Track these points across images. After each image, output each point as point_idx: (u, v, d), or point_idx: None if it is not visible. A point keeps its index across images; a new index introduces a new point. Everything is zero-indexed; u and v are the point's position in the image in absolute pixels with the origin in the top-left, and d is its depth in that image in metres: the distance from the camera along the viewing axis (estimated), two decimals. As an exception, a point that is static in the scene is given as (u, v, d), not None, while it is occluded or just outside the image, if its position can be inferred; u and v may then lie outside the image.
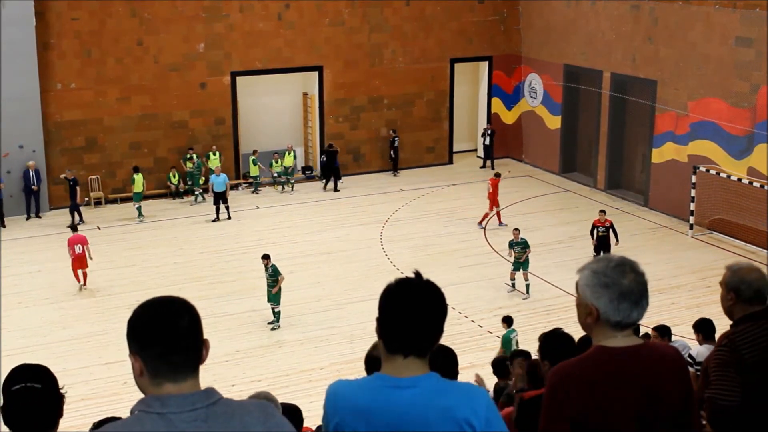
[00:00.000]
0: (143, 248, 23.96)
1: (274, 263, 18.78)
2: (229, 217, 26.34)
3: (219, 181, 26.13)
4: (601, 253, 21.05)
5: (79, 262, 21.10)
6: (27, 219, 26.32)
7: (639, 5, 26.69)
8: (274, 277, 18.68)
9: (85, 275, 21.22)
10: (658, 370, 3.55)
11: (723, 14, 23.88)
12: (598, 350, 3.56)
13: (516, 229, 21.13)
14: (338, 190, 29.32)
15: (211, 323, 17.78)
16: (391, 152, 30.86)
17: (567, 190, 28.95)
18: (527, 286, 20.55)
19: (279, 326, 18.81)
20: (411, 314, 3.15)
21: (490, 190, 25.36)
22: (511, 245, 20.76)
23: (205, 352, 2.90)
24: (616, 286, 3.47)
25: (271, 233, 25.06)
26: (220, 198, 26.14)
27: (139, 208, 26.56)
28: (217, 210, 26.25)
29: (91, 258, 21.22)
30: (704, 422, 4.80)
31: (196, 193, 28.06)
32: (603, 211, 22.25)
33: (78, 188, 26.02)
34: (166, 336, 2.81)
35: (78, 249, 21.07)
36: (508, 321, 16.10)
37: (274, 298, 18.79)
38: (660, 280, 20.51)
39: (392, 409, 3.14)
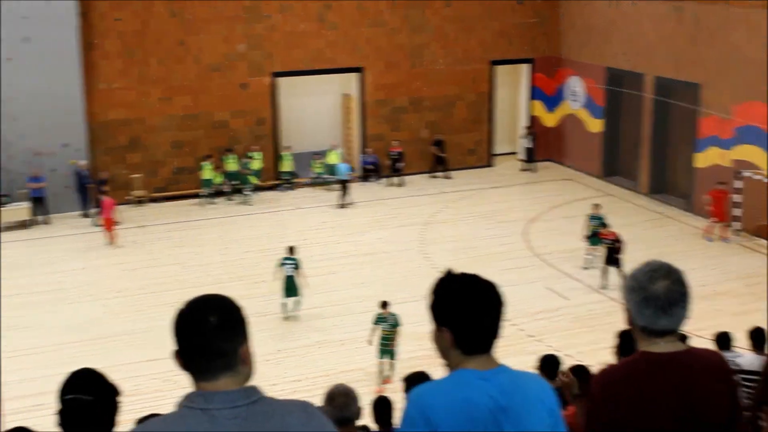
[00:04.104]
0: (187, 246, 24.15)
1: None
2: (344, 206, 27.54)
3: (343, 169, 27.79)
4: (610, 265, 20.69)
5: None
6: (84, 216, 26.50)
7: (681, 6, 26.36)
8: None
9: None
10: (700, 378, 3.47)
11: (765, 16, 23.50)
12: (639, 356, 3.52)
13: (597, 204, 22.69)
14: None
15: (253, 322, 17.70)
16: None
17: (609, 194, 28.70)
18: (588, 259, 21.89)
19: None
20: (491, 310, 3.24)
21: (711, 203, 24.34)
22: (591, 219, 22.11)
23: (244, 352, 2.89)
24: (642, 291, 3.43)
25: (315, 233, 25.12)
26: (344, 185, 27.48)
27: (205, 196, 27.88)
28: (343, 196, 27.67)
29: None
30: (764, 424, 4.76)
31: (246, 193, 28.25)
32: (605, 225, 21.80)
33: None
34: (191, 335, 2.84)
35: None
36: (384, 305, 17.07)
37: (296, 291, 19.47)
38: (704, 286, 20.17)
39: (489, 399, 3.18)
